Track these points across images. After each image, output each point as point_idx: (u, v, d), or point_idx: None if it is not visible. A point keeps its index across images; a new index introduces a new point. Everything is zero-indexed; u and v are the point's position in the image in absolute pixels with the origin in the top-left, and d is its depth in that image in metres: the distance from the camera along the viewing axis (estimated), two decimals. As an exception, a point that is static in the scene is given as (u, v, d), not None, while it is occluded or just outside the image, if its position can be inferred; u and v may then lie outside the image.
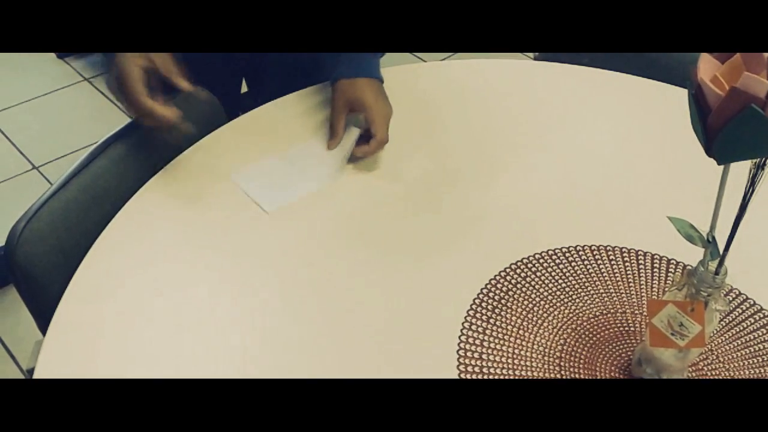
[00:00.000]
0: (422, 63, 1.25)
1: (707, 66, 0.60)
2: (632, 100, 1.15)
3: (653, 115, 1.12)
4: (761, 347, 0.80)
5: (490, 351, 0.78)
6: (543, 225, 0.93)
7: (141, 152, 1.01)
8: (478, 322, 0.80)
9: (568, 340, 0.80)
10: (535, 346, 0.79)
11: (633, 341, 0.80)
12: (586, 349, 0.79)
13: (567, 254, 0.88)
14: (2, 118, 2.23)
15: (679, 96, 1.11)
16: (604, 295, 0.84)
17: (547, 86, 1.18)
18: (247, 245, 0.89)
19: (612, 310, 0.83)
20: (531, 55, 1.37)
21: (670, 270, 0.87)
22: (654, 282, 0.86)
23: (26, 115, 2.25)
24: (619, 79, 1.19)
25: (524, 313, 0.82)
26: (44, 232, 0.89)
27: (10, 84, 2.36)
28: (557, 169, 1.02)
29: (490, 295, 0.83)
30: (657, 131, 1.09)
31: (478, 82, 1.18)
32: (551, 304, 0.83)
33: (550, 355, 0.78)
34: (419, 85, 1.16)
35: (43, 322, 0.82)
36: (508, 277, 0.85)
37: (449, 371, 0.75)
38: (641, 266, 0.88)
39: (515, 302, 0.83)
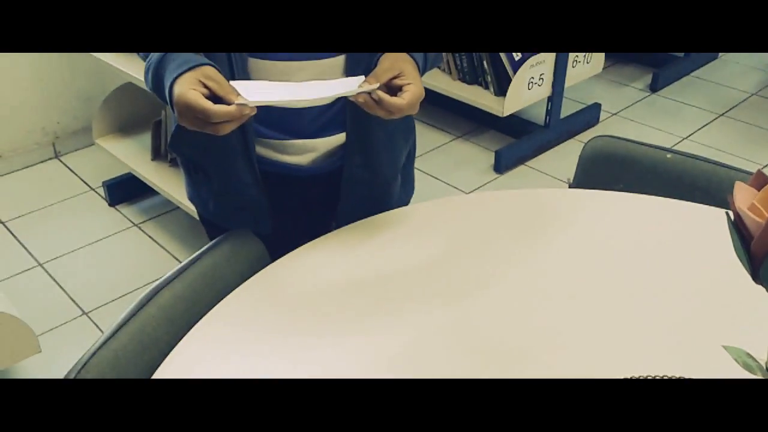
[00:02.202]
0: (454, 197, 1.28)
1: (743, 194, 0.61)
2: (673, 224, 1.15)
3: (696, 238, 1.11)
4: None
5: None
6: (591, 357, 0.91)
7: (188, 299, 1.03)
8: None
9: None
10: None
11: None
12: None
13: (620, 386, 0.85)
14: (54, 266, 2.31)
15: (721, 217, 1.11)
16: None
17: (584, 214, 1.18)
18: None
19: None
20: (565, 182, 1.39)
21: (730, 400, 0.83)
22: (715, 413, 0.82)
23: (77, 262, 2.33)
24: (657, 204, 1.19)
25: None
26: (93, 383, 0.90)
27: (62, 232, 2.46)
28: (601, 298, 1.01)
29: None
30: (701, 255, 1.08)
31: (511, 212, 1.19)
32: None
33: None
34: (452, 217, 1.18)
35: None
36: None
37: None
38: (699, 397, 0.84)
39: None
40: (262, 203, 1.17)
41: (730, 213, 0.62)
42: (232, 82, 0.96)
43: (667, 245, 1.10)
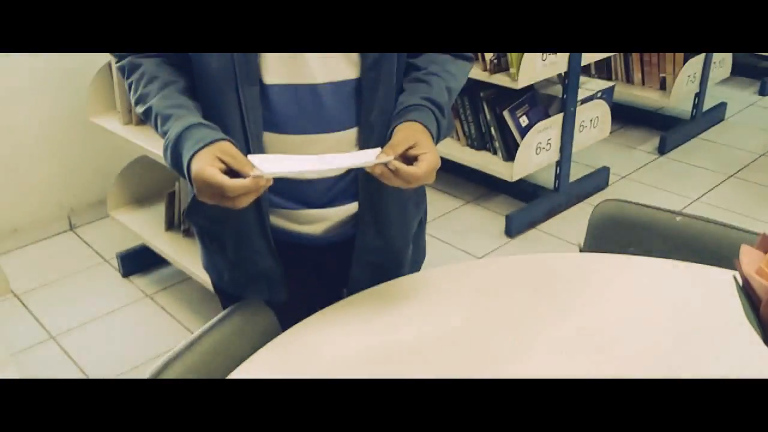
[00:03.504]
0: (465, 263, 1.28)
1: (750, 258, 0.61)
2: (684, 287, 1.15)
3: (708, 301, 1.11)
4: None
5: None
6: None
7: (199, 371, 1.02)
8: None
9: None
10: None
11: None
12: None
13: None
14: (67, 339, 2.31)
15: (730, 279, 1.11)
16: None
17: (596, 278, 1.18)
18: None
19: None
20: (576, 246, 1.40)
21: (752, 468, 0.81)
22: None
23: (90, 335, 2.33)
24: (668, 267, 1.19)
25: None
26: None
27: (75, 305, 2.47)
28: (614, 361, 0.99)
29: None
30: (713, 317, 1.07)
31: (524, 277, 1.19)
32: None
33: None
34: (464, 284, 1.18)
35: None
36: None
37: None
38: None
39: None
40: (276, 272, 1.18)
41: (737, 276, 0.62)
42: (249, 156, 0.99)
43: (678, 308, 1.10)
